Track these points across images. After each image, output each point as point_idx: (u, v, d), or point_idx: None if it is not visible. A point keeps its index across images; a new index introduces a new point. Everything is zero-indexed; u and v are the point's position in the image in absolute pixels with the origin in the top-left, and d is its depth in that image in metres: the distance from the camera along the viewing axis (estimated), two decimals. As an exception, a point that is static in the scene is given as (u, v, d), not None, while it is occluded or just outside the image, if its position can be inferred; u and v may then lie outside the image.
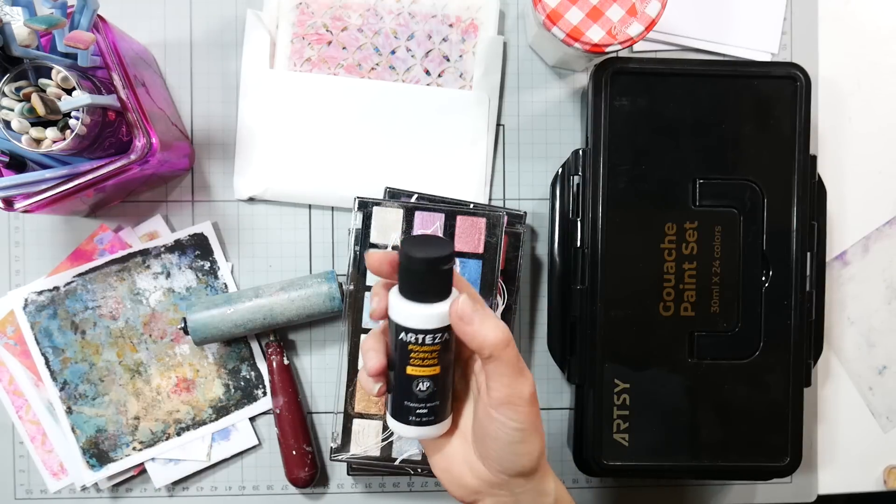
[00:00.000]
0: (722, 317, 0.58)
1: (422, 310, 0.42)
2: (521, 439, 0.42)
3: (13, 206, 0.52)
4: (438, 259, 0.41)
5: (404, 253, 0.41)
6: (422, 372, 0.43)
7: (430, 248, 0.41)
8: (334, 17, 0.63)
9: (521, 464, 0.43)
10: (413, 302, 0.42)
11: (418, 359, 0.43)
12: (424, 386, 0.43)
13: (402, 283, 0.42)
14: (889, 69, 0.66)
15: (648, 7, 0.55)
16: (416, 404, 0.43)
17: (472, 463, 0.44)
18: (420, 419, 0.44)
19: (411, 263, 0.41)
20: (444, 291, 0.42)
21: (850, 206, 0.66)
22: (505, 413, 0.42)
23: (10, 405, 0.63)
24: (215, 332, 0.59)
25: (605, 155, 0.57)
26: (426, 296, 0.42)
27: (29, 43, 0.50)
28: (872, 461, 0.67)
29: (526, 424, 0.42)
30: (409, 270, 0.42)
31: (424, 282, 0.42)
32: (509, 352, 0.42)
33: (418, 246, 0.42)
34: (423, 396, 0.43)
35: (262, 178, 0.63)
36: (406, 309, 0.42)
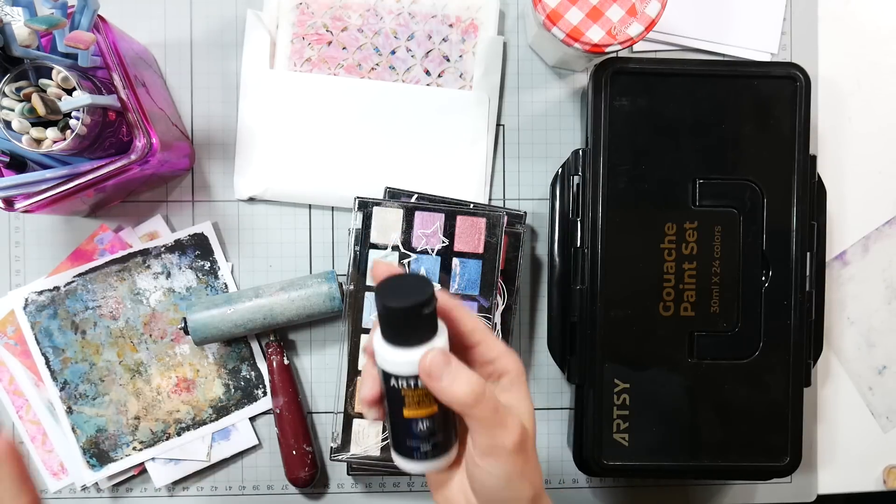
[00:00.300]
0: (722, 317, 0.58)
1: (408, 355, 0.39)
2: (506, 487, 0.41)
3: (13, 206, 0.52)
4: (418, 305, 0.38)
5: (381, 303, 0.39)
6: (419, 413, 0.41)
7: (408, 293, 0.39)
8: (334, 17, 0.63)
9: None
10: (398, 348, 0.40)
11: (413, 402, 0.41)
12: (424, 426, 0.41)
13: (383, 330, 0.40)
14: (889, 69, 0.66)
15: (648, 7, 0.55)
16: (419, 443, 0.42)
17: (468, 495, 0.43)
18: (425, 455, 0.42)
19: (390, 313, 0.39)
20: (430, 331, 0.40)
21: (850, 206, 0.66)
22: (488, 463, 0.40)
23: (10, 405, 0.63)
24: (215, 332, 0.59)
25: (605, 155, 0.57)
26: (411, 341, 0.39)
27: (29, 43, 0.50)
28: (872, 461, 0.67)
29: (510, 474, 0.40)
30: (389, 319, 0.39)
31: (407, 328, 0.39)
32: (483, 408, 0.40)
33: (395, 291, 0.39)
34: (424, 435, 0.42)
35: (262, 178, 0.63)
36: (392, 356, 0.40)
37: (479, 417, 0.40)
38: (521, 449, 0.40)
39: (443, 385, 0.39)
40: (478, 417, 0.40)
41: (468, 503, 0.43)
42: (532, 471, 0.42)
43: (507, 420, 0.40)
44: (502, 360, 0.43)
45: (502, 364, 0.43)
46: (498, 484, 0.41)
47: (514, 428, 0.40)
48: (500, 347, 0.43)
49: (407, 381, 0.40)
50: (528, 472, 0.42)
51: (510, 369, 0.43)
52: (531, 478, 0.42)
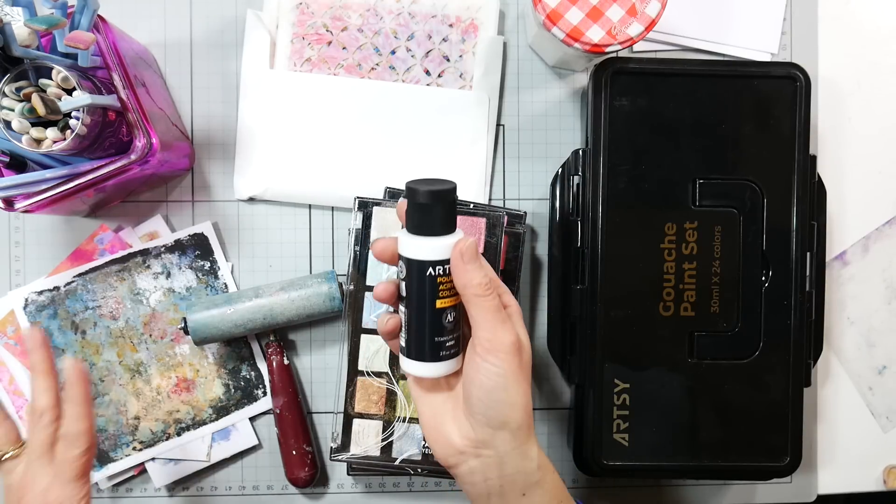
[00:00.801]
0: (722, 317, 0.58)
1: (441, 242, 0.44)
2: (505, 386, 0.44)
3: (13, 206, 0.52)
4: (447, 191, 0.43)
5: (415, 190, 0.43)
6: (450, 303, 0.45)
7: (435, 185, 0.44)
8: (334, 17, 0.63)
9: (505, 414, 0.44)
10: (430, 236, 0.44)
11: (446, 290, 0.44)
12: (451, 317, 0.45)
13: (414, 222, 0.44)
14: (889, 69, 0.66)
15: (648, 7, 0.55)
16: (446, 337, 0.45)
17: (459, 421, 0.46)
18: (449, 352, 0.46)
19: (424, 198, 0.43)
20: (454, 223, 0.45)
21: (850, 206, 0.66)
22: (488, 359, 0.44)
23: (10, 405, 0.63)
24: (215, 332, 0.59)
25: (605, 155, 0.57)
26: (441, 228, 0.44)
27: (29, 43, 0.50)
28: (872, 461, 0.67)
29: (508, 372, 0.44)
30: (422, 206, 0.43)
31: (437, 215, 0.43)
32: (492, 299, 0.44)
33: (424, 185, 0.44)
34: (451, 327, 0.45)
35: (262, 178, 0.63)
36: (425, 244, 0.44)
37: (485, 307, 0.44)
38: (517, 351, 0.45)
39: (468, 268, 0.43)
40: (484, 307, 0.44)
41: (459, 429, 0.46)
42: (526, 385, 0.45)
43: (506, 321, 0.45)
44: (506, 297, 0.47)
45: (505, 300, 0.47)
46: (497, 382, 0.44)
47: (512, 330, 0.45)
48: (504, 287, 0.48)
49: (443, 268, 0.44)
50: (523, 382, 0.45)
51: (511, 304, 0.47)
52: (525, 390, 0.45)
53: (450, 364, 0.46)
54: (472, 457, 0.45)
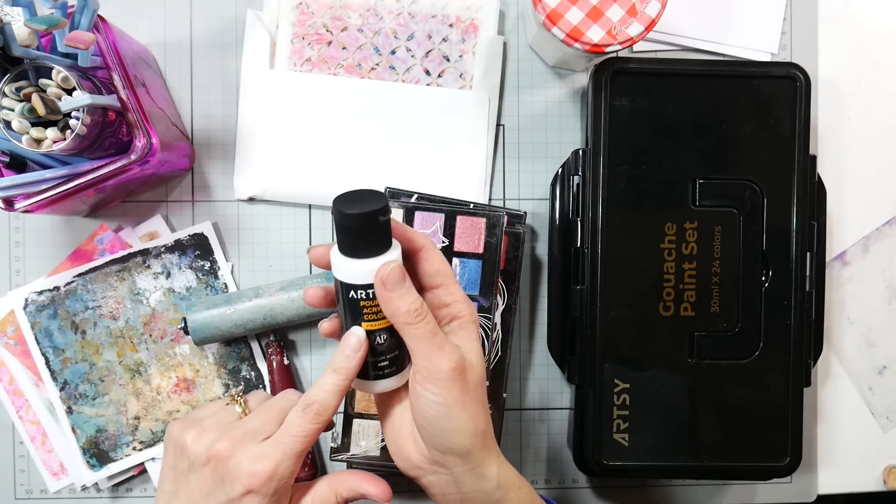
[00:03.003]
0: (722, 317, 0.58)
1: (365, 265, 0.40)
2: (446, 415, 0.42)
3: (13, 206, 0.52)
4: (374, 212, 0.39)
5: (338, 211, 0.39)
6: (377, 326, 0.42)
7: (363, 203, 0.40)
8: (334, 17, 0.63)
9: (450, 441, 0.42)
10: (354, 259, 0.40)
11: (371, 314, 0.42)
12: (382, 339, 0.42)
13: (340, 241, 0.41)
14: (889, 69, 0.66)
15: (648, 7, 0.55)
16: (378, 358, 0.43)
17: (416, 438, 0.44)
18: (383, 372, 0.43)
19: (345, 220, 0.39)
20: (385, 243, 0.41)
21: (850, 206, 0.66)
22: (427, 388, 0.41)
23: (10, 405, 0.63)
24: (215, 332, 0.59)
25: (605, 155, 0.57)
26: (367, 251, 0.40)
27: (29, 43, 0.50)
28: (872, 461, 0.67)
29: (448, 400, 0.41)
30: (346, 228, 0.40)
31: (363, 237, 0.40)
32: (421, 327, 0.41)
33: (351, 201, 0.40)
34: (383, 349, 0.43)
35: (262, 178, 0.63)
36: (349, 266, 0.41)
37: (417, 335, 0.41)
38: (458, 377, 0.41)
39: (392, 296, 0.40)
40: (416, 335, 0.41)
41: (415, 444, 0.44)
42: (475, 408, 0.43)
43: (444, 346, 0.42)
44: (458, 305, 0.44)
45: (457, 308, 0.44)
46: (437, 412, 0.42)
47: (451, 354, 0.41)
48: (459, 293, 0.44)
49: (366, 292, 0.41)
50: (469, 406, 0.42)
51: (463, 314, 0.44)
52: (473, 414, 0.42)
53: (387, 382, 0.44)
54: (430, 472, 0.44)
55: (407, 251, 0.43)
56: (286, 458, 0.42)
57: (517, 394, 0.65)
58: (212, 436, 0.44)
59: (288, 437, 0.43)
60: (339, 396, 0.43)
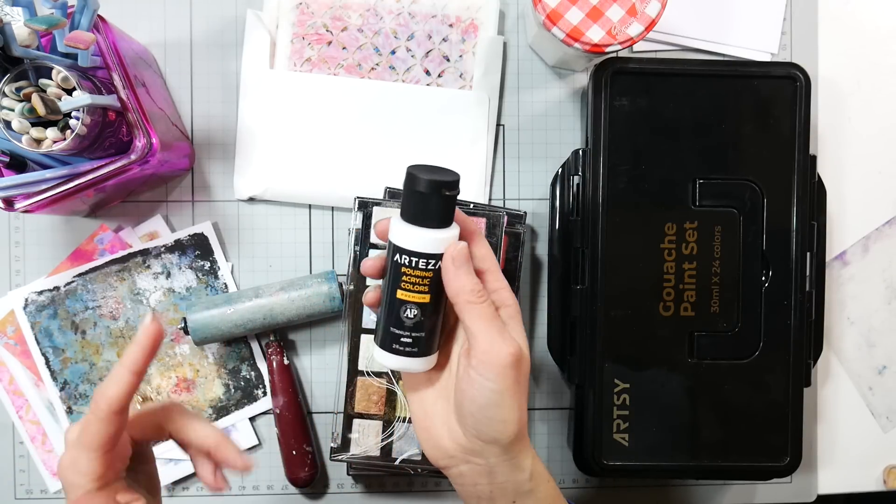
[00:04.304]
0: (722, 317, 0.58)
1: (418, 233, 0.41)
2: (498, 403, 0.41)
3: (13, 206, 0.52)
4: (441, 183, 0.40)
5: (409, 172, 0.41)
6: (411, 297, 0.42)
7: (436, 174, 0.41)
8: (334, 17, 0.63)
9: (496, 430, 0.42)
10: (411, 224, 0.41)
11: (409, 283, 0.42)
12: (412, 313, 0.42)
13: (403, 205, 0.42)
14: (889, 69, 0.66)
15: (648, 7, 0.55)
16: (402, 332, 0.42)
17: (451, 426, 0.44)
18: (403, 349, 0.43)
19: (413, 184, 0.40)
20: (445, 220, 0.42)
21: (850, 206, 0.66)
22: (484, 374, 0.41)
23: (10, 405, 0.63)
24: (215, 332, 0.59)
25: (605, 155, 0.57)
26: (425, 220, 0.41)
27: (29, 43, 0.50)
28: (872, 461, 0.67)
29: (504, 388, 0.41)
30: (411, 191, 0.41)
31: (424, 205, 0.41)
32: (486, 306, 0.41)
33: (425, 170, 0.41)
34: (409, 324, 0.42)
35: (262, 178, 0.63)
36: (403, 230, 0.41)
37: (480, 315, 0.41)
38: (517, 364, 0.41)
39: (460, 272, 0.41)
40: (479, 315, 0.41)
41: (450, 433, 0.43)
42: (522, 399, 0.43)
43: (504, 331, 0.42)
44: (504, 293, 0.44)
45: (503, 296, 0.44)
46: (491, 399, 0.41)
47: (511, 341, 0.41)
48: (504, 281, 0.44)
49: (409, 259, 0.41)
50: (519, 396, 0.42)
51: (509, 303, 0.44)
52: (521, 404, 0.42)
53: (405, 362, 0.43)
54: (462, 462, 0.44)
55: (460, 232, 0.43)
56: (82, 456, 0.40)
57: (517, 394, 0.65)
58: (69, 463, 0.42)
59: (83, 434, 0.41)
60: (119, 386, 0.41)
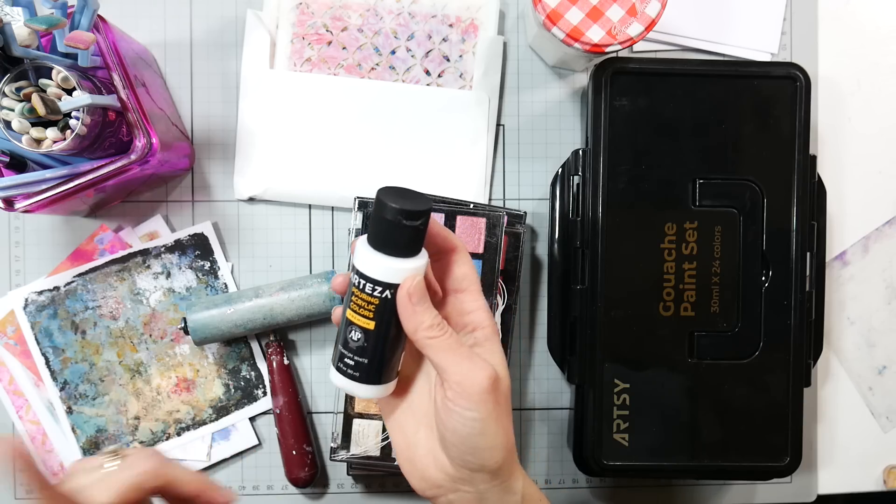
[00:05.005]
0: (722, 317, 0.58)
1: (374, 257, 0.40)
2: (482, 431, 0.40)
3: (13, 206, 0.52)
4: (404, 212, 0.38)
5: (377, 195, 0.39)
6: (357, 320, 0.41)
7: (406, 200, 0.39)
8: (334, 17, 0.63)
9: (483, 458, 0.41)
10: (370, 246, 0.40)
11: (356, 305, 0.41)
12: (356, 336, 0.41)
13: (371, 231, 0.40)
14: (889, 69, 0.66)
15: (648, 7, 0.55)
16: (346, 352, 0.42)
17: (436, 455, 0.42)
18: (346, 370, 0.42)
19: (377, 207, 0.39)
20: (406, 250, 0.40)
21: (850, 206, 0.66)
22: (461, 404, 0.40)
23: (10, 405, 0.63)
24: (215, 332, 0.59)
25: (605, 155, 0.57)
26: (383, 246, 0.40)
27: (29, 43, 0.50)
28: (872, 461, 0.67)
29: (484, 415, 0.40)
30: (374, 214, 0.39)
31: (384, 231, 0.39)
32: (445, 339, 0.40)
33: (396, 195, 0.39)
34: (353, 347, 0.41)
35: (262, 178, 0.63)
36: (361, 250, 0.40)
37: (442, 347, 0.40)
38: (493, 389, 0.40)
39: (417, 309, 0.40)
40: (441, 348, 0.40)
41: (436, 462, 0.42)
42: (506, 422, 0.41)
43: (473, 357, 0.40)
44: (480, 314, 0.43)
45: (478, 317, 0.43)
46: (473, 428, 0.40)
47: (483, 366, 0.40)
48: (482, 302, 0.43)
49: (360, 281, 0.40)
50: (502, 420, 0.41)
51: (486, 325, 0.42)
52: (506, 427, 0.41)
53: (348, 384, 0.42)
54: (451, 491, 0.42)
55: (440, 250, 0.42)
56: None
57: (517, 394, 0.65)
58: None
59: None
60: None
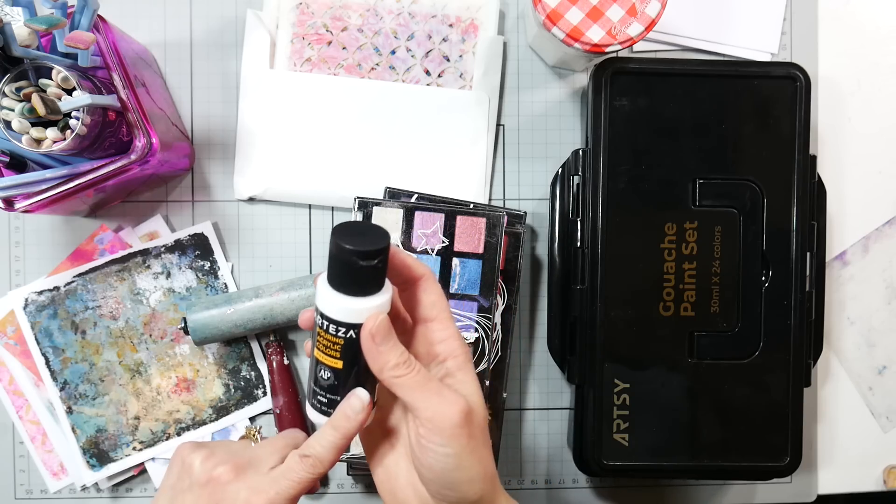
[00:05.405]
0: (722, 317, 0.58)
1: (333, 298, 0.39)
2: (457, 466, 0.39)
3: (13, 206, 0.52)
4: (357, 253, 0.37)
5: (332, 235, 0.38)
6: (325, 360, 0.40)
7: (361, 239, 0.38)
8: (334, 17, 0.63)
9: (462, 492, 0.40)
10: (329, 287, 0.39)
11: (322, 345, 0.40)
12: (326, 375, 0.41)
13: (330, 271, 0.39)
14: (889, 69, 0.66)
15: (648, 7, 0.55)
16: (318, 389, 0.42)
17: (416, 486, 0.42)
18: (320, 406, 0.42)
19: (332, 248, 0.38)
20: (365, 289, 0.39)
21: (850, 206, 0.66)
22: (433, 441, 0.39)
23: (10, 405, 0.63)
24: (215, 332, 0.59)
25: (605, 155, 0.57)
26: (341, 286, 0.39)
27: (29, 43, 0.50)
28: (872, 461, 0.67)
29: (458, 450, 0.39)
30: (330, 254, 0.38)
31: (341, 271, 0.38)
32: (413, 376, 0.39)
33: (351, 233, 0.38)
34: (324, 385, 0.41)
35: (262, 178, 0.63)
36: (322, 291, 0.39)
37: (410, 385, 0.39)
38: (466, 423, 0.39)
39: (382, 349, 0.39)
40: (409, 386, 0.39)
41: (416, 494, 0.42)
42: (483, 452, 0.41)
43: (443, 391, 0.40)
44: (451, 343, 0.42)
45: (450, 346, 0.42)
46: (448, 464, 0.39)
47: (454, 399, 0.39)
48: (453, 329, 0.42)
49: (323, 322, 0.39)
50: (478, 451, 0.40)
51: (458, 353, 0.42)
52: (482, 458, 0.40)
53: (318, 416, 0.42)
54: None
55: (405, 279, 0.42)
56: (279, 498, 0.42)
57: (517, 394, 0.65)
58: (217, 460, 0.44)
59: (285, 479, 0.42)
60: (335, 453, 0.42)
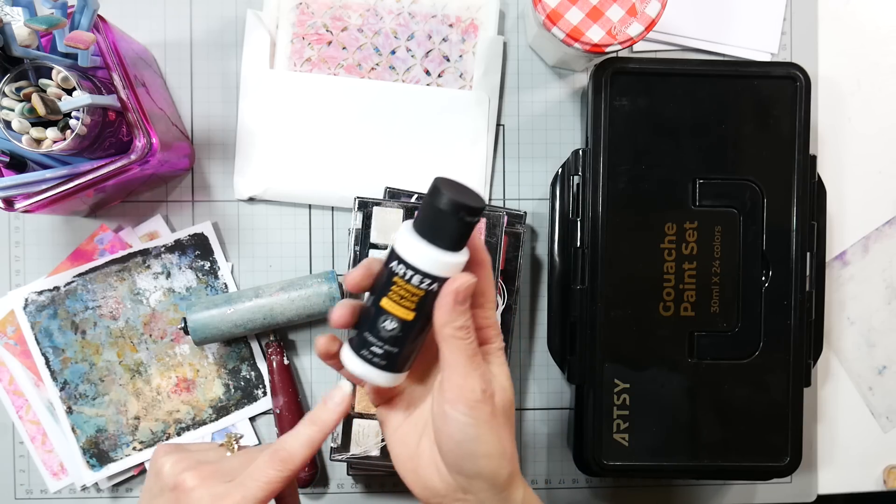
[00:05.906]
0: (722, 317, 0.58)
1: (424, 249, 0.39)
2: (476, 437, 0.40)
3: (13, 206, 0.52)
4: (465, 207, 0.38)
5: (434, 184, 0.39)
6: (394, 310, 0.40)
7: (462, 194, 0.39)
8: (334, 17, 0.63)
9: (479, 465, 0.41)
10: (420, 237, 0.39)
11: (397, 295, 0.40)
12: (391, 326, 0.41)
13: (418, 215, 0.40)
14: (889, 69, 0.66)
15: (648, 7, 0.55)
16: (375, 340, 0.41)
17: (438, 464, 0.43)
18: (372, 358, 0.41)
19: (435, 198, 0.39)
20: (457, 244, 0.40)
21: (850, 206, 0.66)
22: (457, 408, 0.40)
23: (10, 405, 0.63)
24: (215, 332, 0.59)
25: (605, 155, 0.57)
26: (435, 238, 0.39)
27: (29, 43, 0.50)
28: (872, 461, 0.67)
29: (479, 422, 0.40)
30: (430, 205, 0.39)
31: (440, 223, 0.39)
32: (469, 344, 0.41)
33: (452, 187, 0.39)
34: (385, 336, 0.41)
35: (262, 178, 0.63)
36: (409, 241, 0.40)
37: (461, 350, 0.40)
38: (489, 399, 0.41)
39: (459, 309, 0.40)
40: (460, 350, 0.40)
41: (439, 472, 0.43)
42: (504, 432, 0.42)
43: (481, 367, 0.41)
44: (490, 332, 0.43)
45: (489, 334, 0.43)
46: (467, 434, 0.40)
47: (485, 376, 0.41)
48: (494, 320, 0.44)
49: (406, 272, 0.40)
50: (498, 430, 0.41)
51: (494, 342, 0.43)
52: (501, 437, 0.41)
53: (370, 371, 0.42)
54: (452, 501, 0.43)
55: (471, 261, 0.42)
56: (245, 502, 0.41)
57: (517, 394, 0.65)
58: (184, 465, 0.44)
59: (252, 481, 0.42)
60: (309, 449, 0.42)
